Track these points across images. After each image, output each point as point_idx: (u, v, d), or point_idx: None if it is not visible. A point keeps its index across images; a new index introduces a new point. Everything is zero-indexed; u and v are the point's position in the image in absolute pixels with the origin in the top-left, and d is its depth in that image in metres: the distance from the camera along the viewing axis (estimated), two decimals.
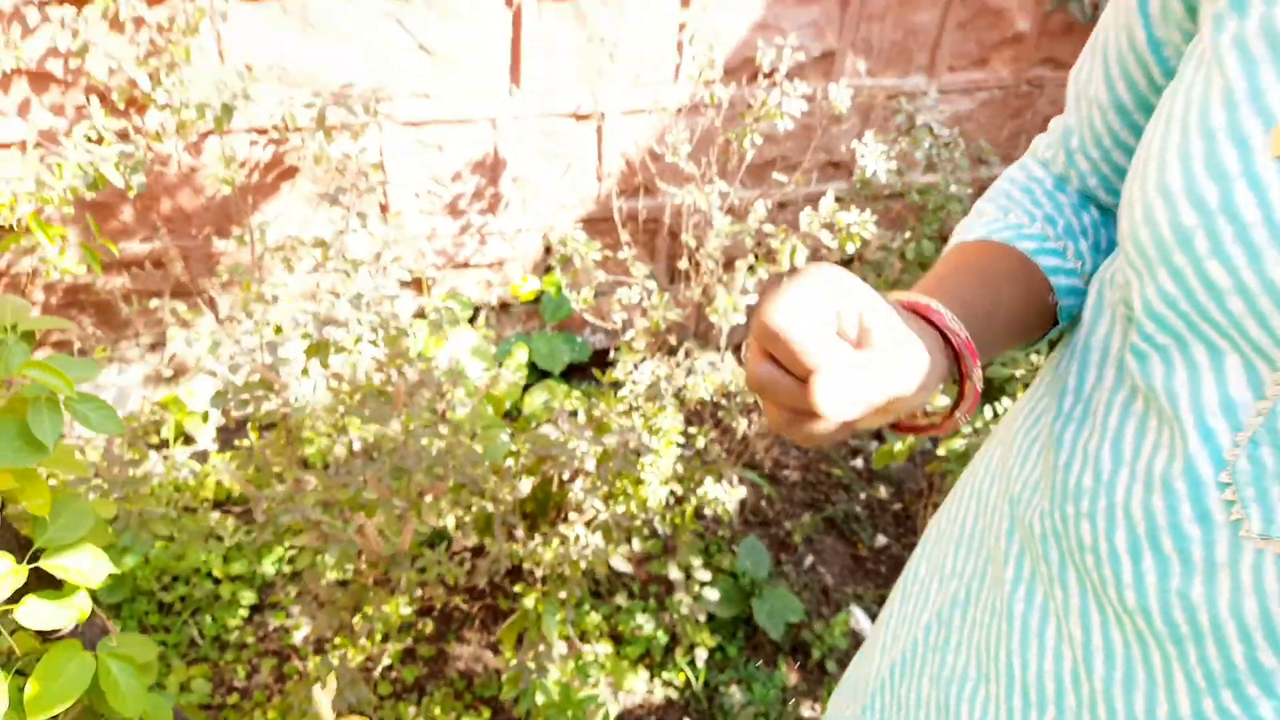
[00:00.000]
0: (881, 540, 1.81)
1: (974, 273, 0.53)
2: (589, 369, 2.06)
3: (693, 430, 1.46)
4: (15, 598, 0.78)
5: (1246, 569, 0.41)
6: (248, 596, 1.51)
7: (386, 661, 1.34)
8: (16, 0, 1.29)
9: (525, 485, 1.21)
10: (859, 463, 1.98)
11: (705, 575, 1.47)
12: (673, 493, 1.38)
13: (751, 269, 1.40)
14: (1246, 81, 0.38)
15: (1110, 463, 0.47)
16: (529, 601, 1.15)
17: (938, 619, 0.65)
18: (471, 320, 1.96)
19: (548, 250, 1.96)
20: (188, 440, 1.79)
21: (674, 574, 1.43)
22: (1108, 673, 0.48)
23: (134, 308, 1.43)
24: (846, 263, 2.12)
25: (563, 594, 1.16)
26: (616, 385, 1.43)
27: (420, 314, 1.86)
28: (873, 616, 1.62)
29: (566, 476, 1.15)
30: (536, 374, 1.98)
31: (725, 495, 1.29)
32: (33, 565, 0.76)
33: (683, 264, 1.69)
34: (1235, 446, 0.40)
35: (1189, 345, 0.42)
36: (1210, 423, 0.41)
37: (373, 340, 1.06)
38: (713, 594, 1.46)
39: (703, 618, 1.43)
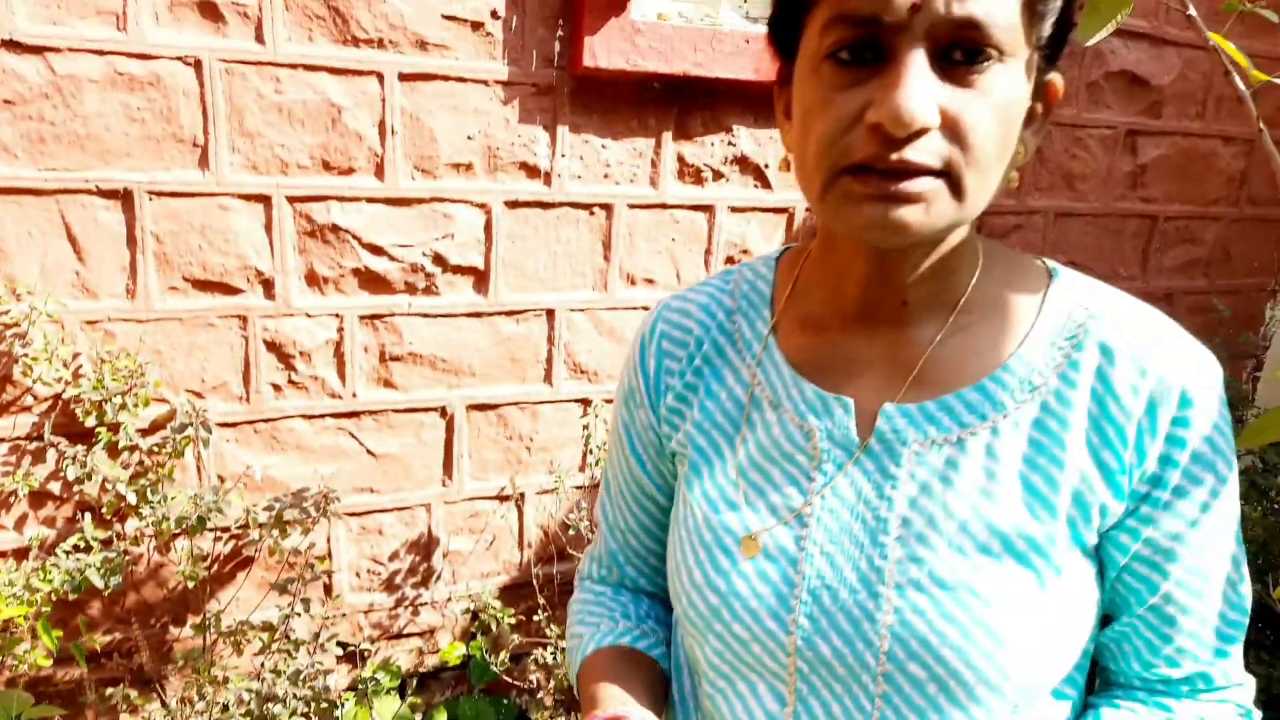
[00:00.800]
0: None
1: (622, 675, 0.78)
2: None
3: None
4: None
5: None
6: None
7: None
8: (39, 443, 1.61)
9: None
10: None
11: None
12: None
13: None
14: (716, 517, 0.72)
15: None
16: None
17: None
18: (402, 687, 2.09)
19: (474, 616, 2.16)
20: None
21: None
22: None
23: (91, 696, 1.57)
24: None
25: None
26: None
27: (353, 686, 2.00)
28: None
29: None
30: None
31: None
32: None
33: None
34: None
35: (735, 682, 0.72)
36: None
37: (305, 714, 1.24)
38: None
39: None
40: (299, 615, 1.49)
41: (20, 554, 1.66)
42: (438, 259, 1.88)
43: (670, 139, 2.01)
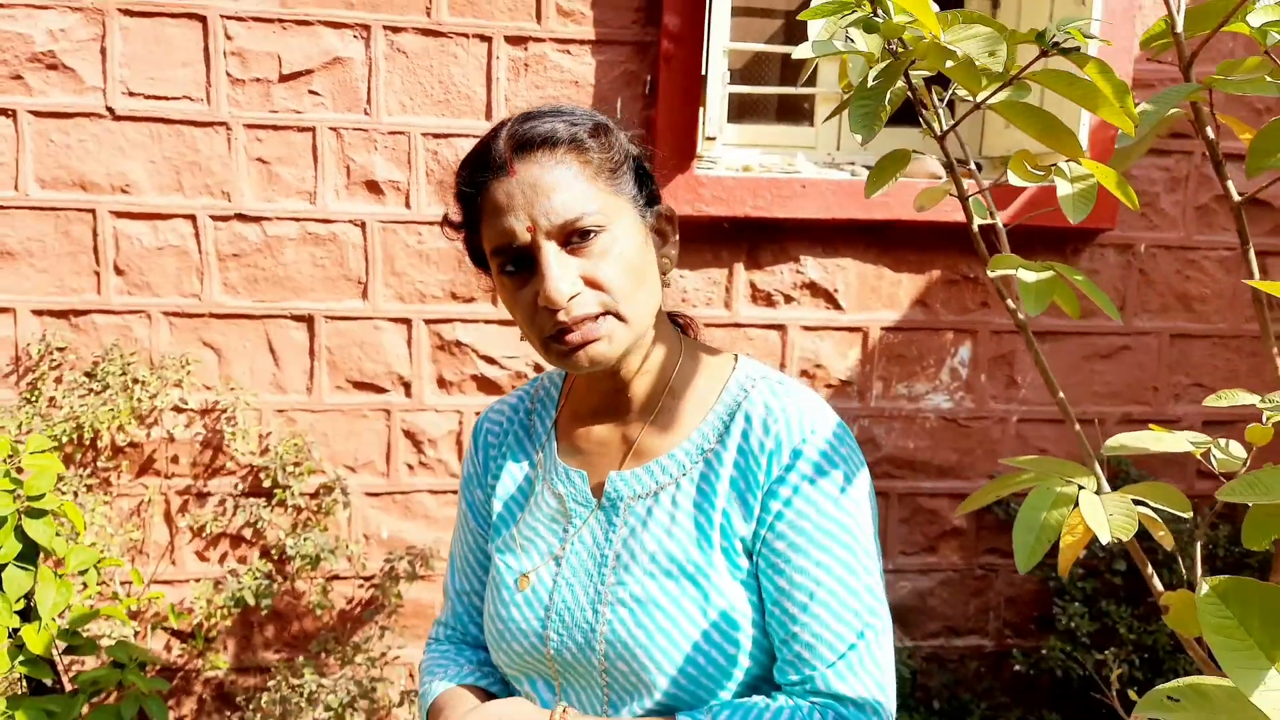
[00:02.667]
0: None
1: (464, 700, 1.00)
2: None
3: None
4: None
5: None
6: None
7: None
8: (226, 493, 2.20)
9: None
10: None
11: None
12: None
13: None
14: (504, 563, 0.98)
15: None
16: None
17: None
18: None
19: None
20: None
21: None
22: None
23: (262, 698, 2.08)
24: None
25: None
26: None
27: None
28: None
29: None
30: None
31: None
32: None
33: None
34: None
35: (523, 681, 0.98)
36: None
37: None
38: None
39: None
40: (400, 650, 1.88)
41: (220, 581, 2.24)
42: (538, 367, 2.30)
43: (742, 269, 2.31)
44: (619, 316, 0.89)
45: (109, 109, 2.08)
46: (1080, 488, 0.87)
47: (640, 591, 0.89)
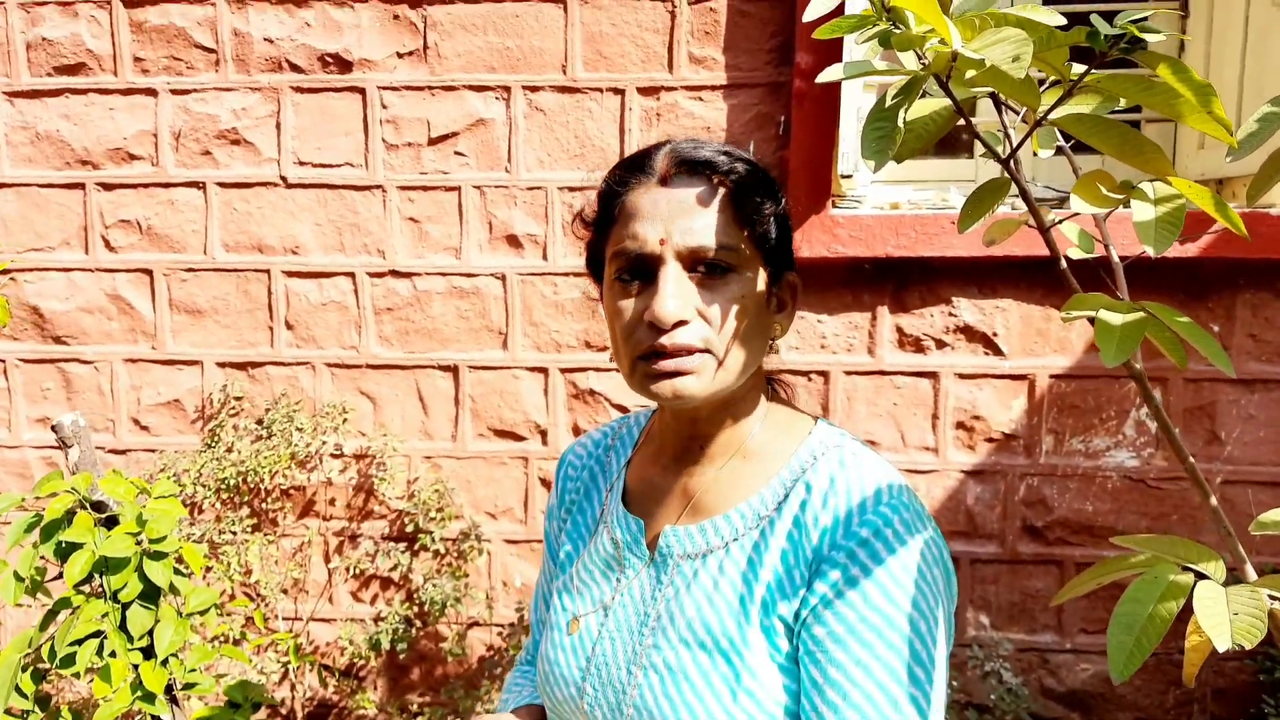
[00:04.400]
0: None
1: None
2: None
3: None
4: None
5: None
6: None
7: None
8: (376, 537, 2.30)
9: None
10: None
11: None
12: None
13: None
14: (560, 603, 0.94)
15: None
16: None
17: None
18: None
19: None
20: None
21: None
22: None
23: None
24: None
25: None
26: None
27: None
28: None
29: None
30: None
31: None
32: None
33: None
34: None
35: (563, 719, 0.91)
36: None
37: None
38: None
39: None
40: None
41: (363, 623, 2.34)
42: None
43: (886, 312, 2.17)
44: (717, 359, 0.84)
45: (282, 178, 2.28)
46: (1199, 576, 0.71)
47: (673, 659, 0.83)
